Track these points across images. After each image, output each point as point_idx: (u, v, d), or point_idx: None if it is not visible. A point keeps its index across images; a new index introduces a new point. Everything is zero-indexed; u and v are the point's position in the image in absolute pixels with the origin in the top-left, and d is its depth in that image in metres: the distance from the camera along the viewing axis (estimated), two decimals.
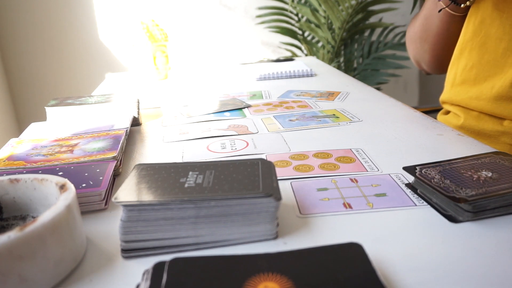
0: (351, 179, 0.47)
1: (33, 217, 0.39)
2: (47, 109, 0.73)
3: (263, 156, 0.56)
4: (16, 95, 2.29)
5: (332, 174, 0.49)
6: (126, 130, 0.63)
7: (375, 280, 0.27)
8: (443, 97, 0.77)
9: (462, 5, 0.70)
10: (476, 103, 0.67)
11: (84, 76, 2.29)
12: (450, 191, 0.39)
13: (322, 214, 0.40)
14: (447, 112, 0.78)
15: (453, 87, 0.73)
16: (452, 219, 0.38)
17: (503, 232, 0.36)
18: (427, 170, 0.43)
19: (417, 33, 0.82)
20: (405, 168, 0.45)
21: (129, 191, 0.36)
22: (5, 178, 0.39)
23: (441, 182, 0.40)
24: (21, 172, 0.48)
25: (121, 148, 0.56)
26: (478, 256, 0.33)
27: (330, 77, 1.08)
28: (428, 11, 0.78)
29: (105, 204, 0.44)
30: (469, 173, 0.42)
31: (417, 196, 0.42)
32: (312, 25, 2.07)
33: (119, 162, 0.53)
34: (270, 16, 2.16)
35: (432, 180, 0.41)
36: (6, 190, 0.39)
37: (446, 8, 0.72)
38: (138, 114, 0.73)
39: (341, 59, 2.11)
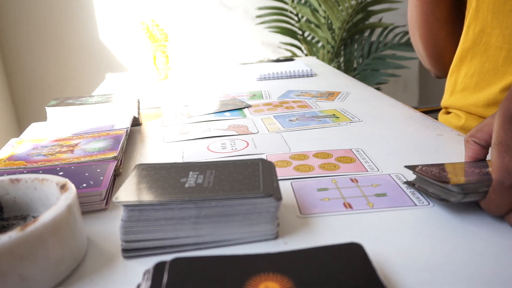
0: (351, 179, 0.47)
1: (34, 217, 0.40)
2: (48, 109, 0.73)
3: (264, 156, 0.56)
4: (16, 95, 2.29)
5: (332, 174, 0.49)
6: (127, 130, 0.63)
7: (375, 280, 0.27)
8: (443, 104, 0.78)
9: None
10: (475, 109, 0.69)
11: (84, 76, 2.29)
12: (443, 177, 0.39)
13: (322, 214, 0.40)
14: (448, 112, 0.78)
15: (454, 94, 0.74)
16: (446, 201, 0.38)
17: (503, 232, 0.36)
18: (429, 167, 0.43)
19: (409, 23, 0.84)
20: (407, 167, 0.45)
21: (129, 191, 0.36)
22: (6, 178, 0.39)
23: (438, 173, 0.41)
24: (22, 172, 0.48)
25: (122, 148, 0.56)
26: (479, 256, 0.33)
27: (330, 77, 1.08)
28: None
29: (106, 204, 0.44)
30: (472, 169, 0.42)
31: (417, 196, 0.42)
32: (312, 25, 2.07)
33: (119, 162, 0.53)
34: (270, 16, 2.16)
35: (430, 173, 0.41)
36: (7, 190, 0.39)
37: None
38: (139, 114, 0.73)
39: (341, 59, 2.11)
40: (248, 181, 0.37)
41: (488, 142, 0.42)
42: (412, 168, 0.44)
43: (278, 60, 1.35)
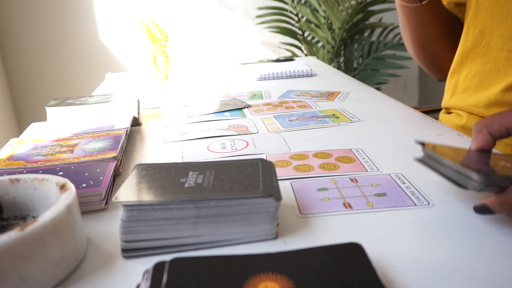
0: (351, 179, 0.47)
1: (34, 217, 0.40)
2: (47, 109, 0.73)
3: (263, 156, 0.56)
4: (16, 95, 2.29)
5: (332, 174, 0.49)
6: (126, 130, 0.63)
7: (375, 280, 0.27)
8: (444, 104, 0.78)
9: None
10: (476, 110, 0.69)
11: (84, 76, 2.29)
12: (463, 161, 0.38)
13: (322, 214, 0.40)
14: (449, 112, 0.79)
15: (455, 95, 0.74)
16: (461, 186, 0.37)
17: (503, 232, 0.36)
18: (440, 147, 0.42)
19: (403, 38, 0.86)
20: (417, 142, 0.43)
21: (129, 191, 0.36)
22: (6, 178, 0.39)
23: (454, 156, 0.39)
24: (22, 172, 0.48)
25: (121, 148, 0.56)
26: (479, 256, 0.33)
27: (330, 77, 1.08)
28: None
29: (105, 204, 0.44)
30: (480, 158, 0.41)
31: (417, 196, 0.42)
32: (312, 25, 2.07)
33: (119, 162, 0.53)
34: (270, 16, 2.16)
35: (446, 154, 0.39)
36: (7, 190, 0.39)
37: (399, 1, 0.78)
38: (138, 114, 0.73)
39: (341, 59, 2.11)
40: (247, 181, 0.37)
41: (502, 134, 0.41)
42: (423, 144, 0.42)
43: (278, 60, 1.35)
